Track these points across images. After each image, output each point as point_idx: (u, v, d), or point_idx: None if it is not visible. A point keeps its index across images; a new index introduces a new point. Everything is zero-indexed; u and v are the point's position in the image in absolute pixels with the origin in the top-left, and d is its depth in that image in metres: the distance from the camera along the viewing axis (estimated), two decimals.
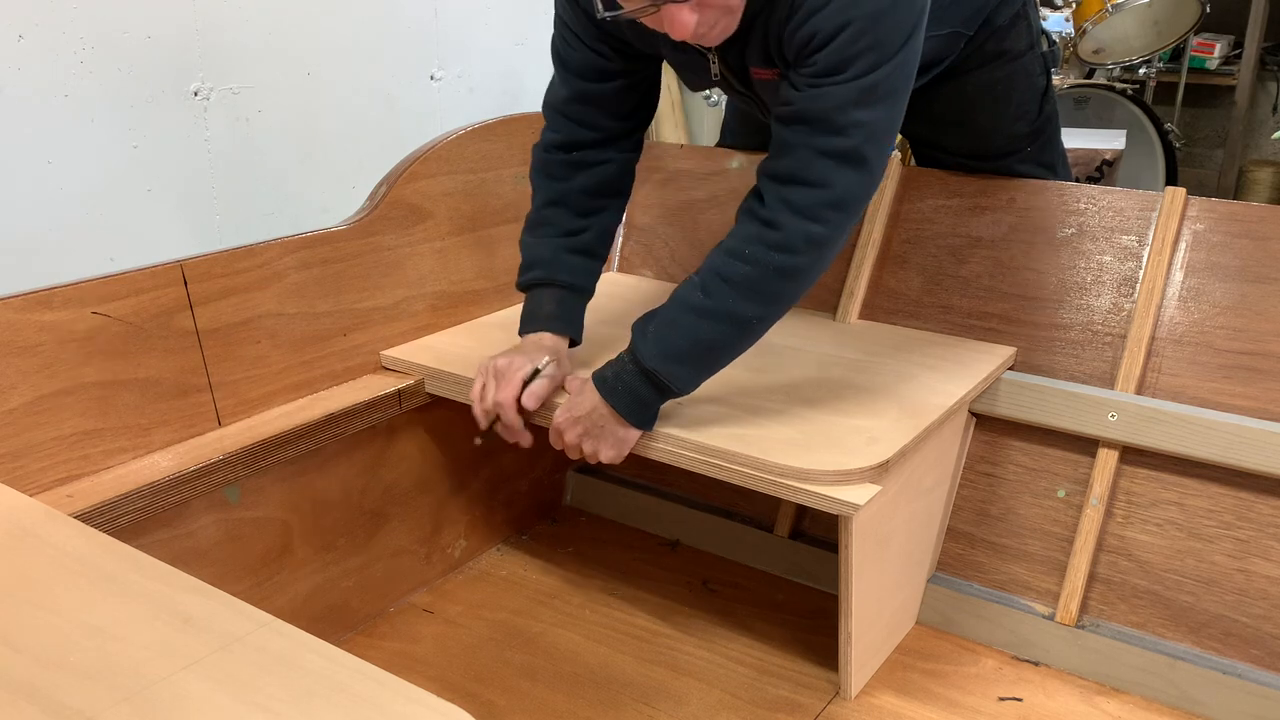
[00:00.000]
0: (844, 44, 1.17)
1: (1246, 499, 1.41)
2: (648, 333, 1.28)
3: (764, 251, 1.22)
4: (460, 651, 1.54)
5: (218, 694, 0.77)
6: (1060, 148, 1.71)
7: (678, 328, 1.26)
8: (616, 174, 1.49)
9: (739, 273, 1.23)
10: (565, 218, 1.46)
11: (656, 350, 1.27)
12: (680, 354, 1.26)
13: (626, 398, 1.29)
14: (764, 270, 1.22)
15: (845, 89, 1.18)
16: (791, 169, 1.21)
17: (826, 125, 1.19)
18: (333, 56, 2.00)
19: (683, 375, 1.28)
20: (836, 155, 1.19)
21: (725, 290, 1.24)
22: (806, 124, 1.20)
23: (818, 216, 1.20)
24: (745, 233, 1.24)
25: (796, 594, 1.68)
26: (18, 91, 1.58)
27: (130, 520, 1.23)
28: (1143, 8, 3.29)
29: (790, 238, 1.21)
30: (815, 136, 1.20)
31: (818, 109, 1.19)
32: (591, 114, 1.44)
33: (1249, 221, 1.47)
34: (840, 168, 1.19)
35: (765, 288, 1.23)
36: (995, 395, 1.54)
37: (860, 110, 1.18)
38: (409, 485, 1.64)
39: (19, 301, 1.22)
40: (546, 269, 1.45)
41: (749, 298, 1.24)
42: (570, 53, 1.42)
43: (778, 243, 1.21)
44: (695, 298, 1.26)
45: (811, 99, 1.19)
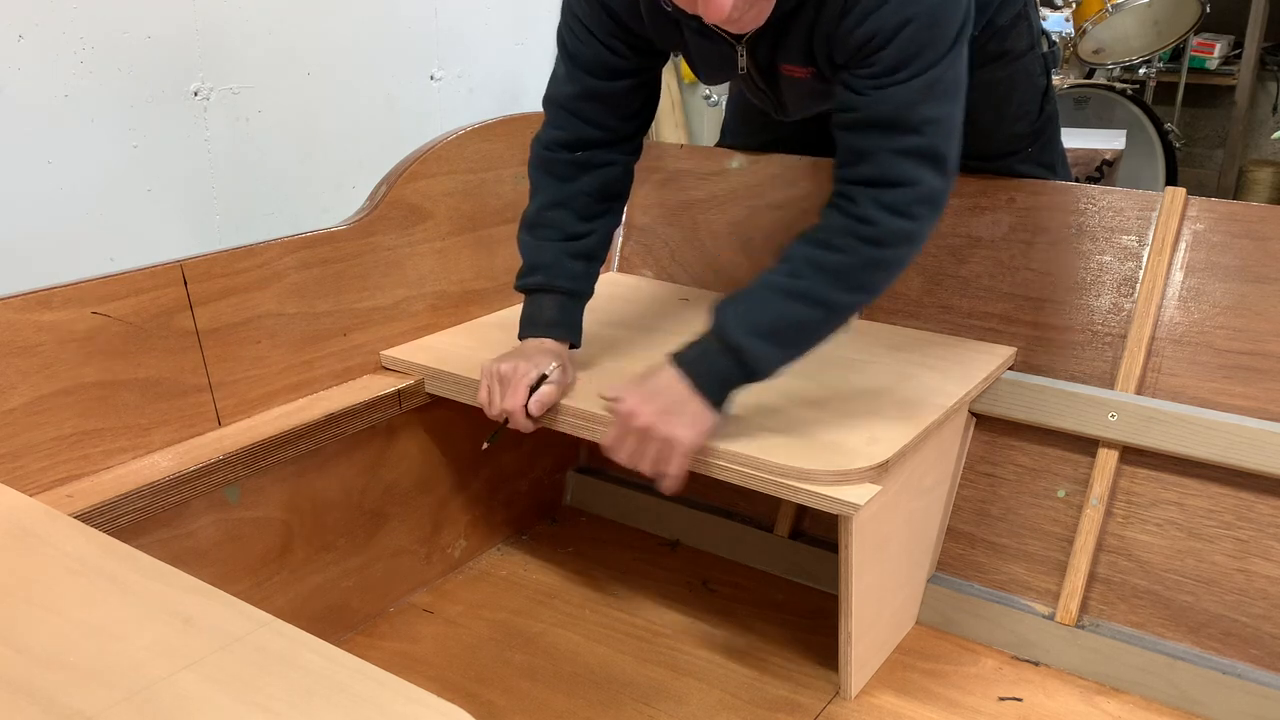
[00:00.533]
0: (906, 41, 1.17)
1: (1246, 499, 1.41)
2: (733, 310, 1.26)
3: (857, 244, 1.23)
4: (460, 651, 1.54)
5: (218, 694, 0.77)
6: (1060, 148, 1.71)
7: (766, 306, 1.24)
8: (619, 176, 1.49)
9: (832, 261, 1.23)
10: (569, 221, 1.45)
11: (743, 325, 1.24)
12: (766, 330, 1.24)
13: (707, 373, 1.25)
14: (857, 261, 1.23)
15: (911, 87, 1.19)
16: (876, 173, 1.22)
17: (900, 125, 1.20)
18: (333, 56, 2.00)
19: (768, 354, 1.25)
20: (916, 154, 1.21)
21: (817, 276, 1.23)
22: (878, 127, 1.21)
23: (910, 213, 1.22)
24: (837, 225, 1.24)
25: (796, 594, 1.68)
26: (18, 91, 1.58)
27: (130, 520, 1.23)
28: (1143, 8, 3.29)
29: (885, 233, 1.22)
30: (891, 138, 1.20)
31: (887, 111, 1.20)
32: (599, 112, 1.43)
33: (1249, 221, 1.47)
34: (921, 165, 1.21)
35: (856, 278, 1.24)
36: (995, 395, 1.54)
37: (928, 107, 1.19)
38: (409, 485, 1.64)
39: (19, 301, 1.22)
40: (548, 274, 1.45)
41: (840, 286, 1.24)
42: (581, 48, 1.40)
43: (872, 237, 1.22)
44: (785, 281, 1.24)
45: (879, 101, 1.20)
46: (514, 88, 2.44)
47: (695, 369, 1.26)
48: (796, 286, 1.24)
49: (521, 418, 1.39)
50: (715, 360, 1.25)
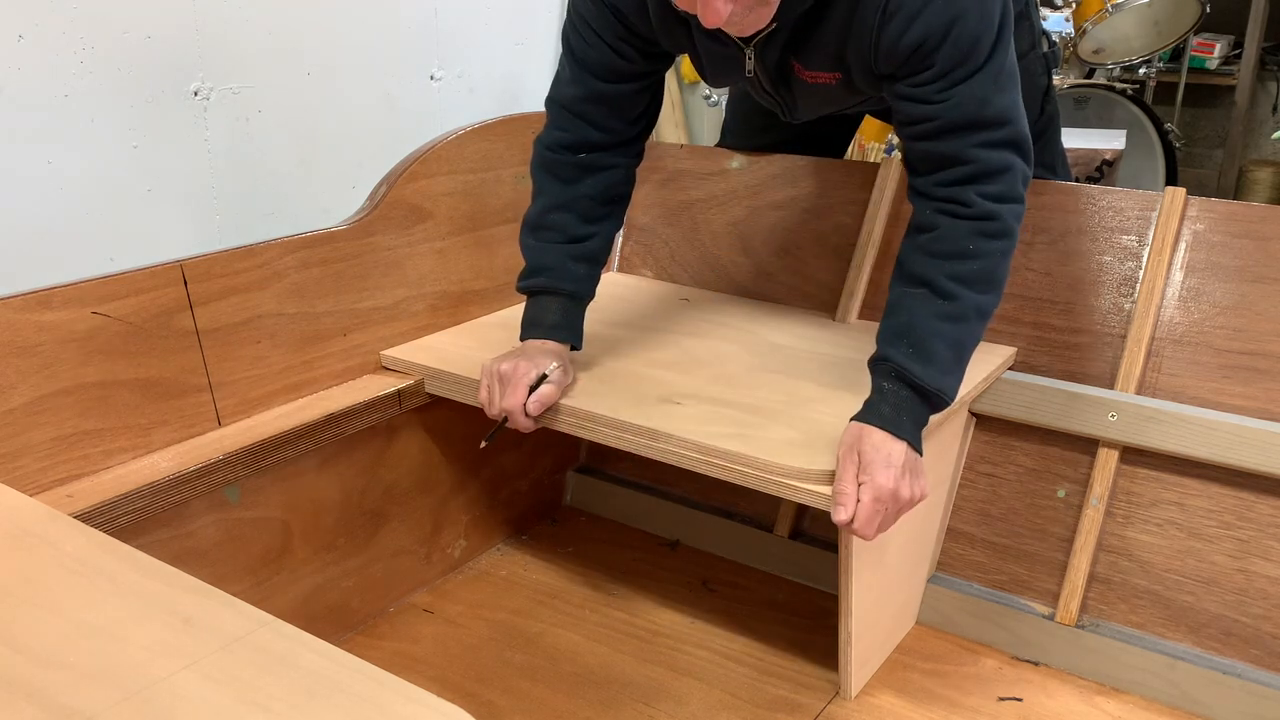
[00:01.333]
0: (960, 36, 1.18)
1: (1246, 499, 1.41)
2: (909, 355, 1.24)
3: (986, 242, 1.24)
4: (460, 651, 1.54)
5: (218, 694, 0.77)
6: (1060, 149, 1.71)
7: (941, 340, 1.24)
8: (622, 179, 1.49)
9: (973, 269, 1.25)
10: (572, 224, 1.45)
11: (931, 369, 1.24)
12: (951, 365, 1.26)
13: (912, 424, 1.24)
14: (991, 258, 1.25)
15: (978, 81, 1.21)
16: (975, 170, 1.24)
17: (982, 122, 1.22)
18: (333, 56, 2.00)
19: (954, 385, 1.27)
20: (1004, 144, 1.23)
21: (966, 290, 1.24)
22: (961, 130, 1.22)
23: (1016, 196, 1.26)
24: (960, 233, 1.25)
25: (796, 594, 1.68)
26: (18, 91, 1.58)
27: (130, 520, 1.23)
28: (1143, 8, 3.29)
29: (1006, 222, 1.25)
30: (977, 134, 1.23)
31: (963, 113, 1.22)
32: (603, 115, 1.43)
33: (1249, 221, 1.47)
34: (1010, 151, 1.24)
35: (995, 273, 1.27)
36: (995, 395, 1.54)
37: (1000, 95, 1.22)
38: (409, 485, 1.64)
39: (19, 301, 1.22)
40: (551, 276, 1.45)
41: (987, 289, 1.26)
42: (587, 50, 1.39)
43: (997, 230, 1.25)
44: (940, 307, 1.25)
45: (952, 105, 1.21)
46: (514, 88, 2.44)
47: (899, 425, 1.23)
48: (954, 310, 1.25)
49: (521, 417, 1.39)
50: (914, 410, 1.25)
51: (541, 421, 1.42)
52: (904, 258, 1.30)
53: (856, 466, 1.20)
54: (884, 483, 1.19)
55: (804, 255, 1.80)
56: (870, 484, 1.19)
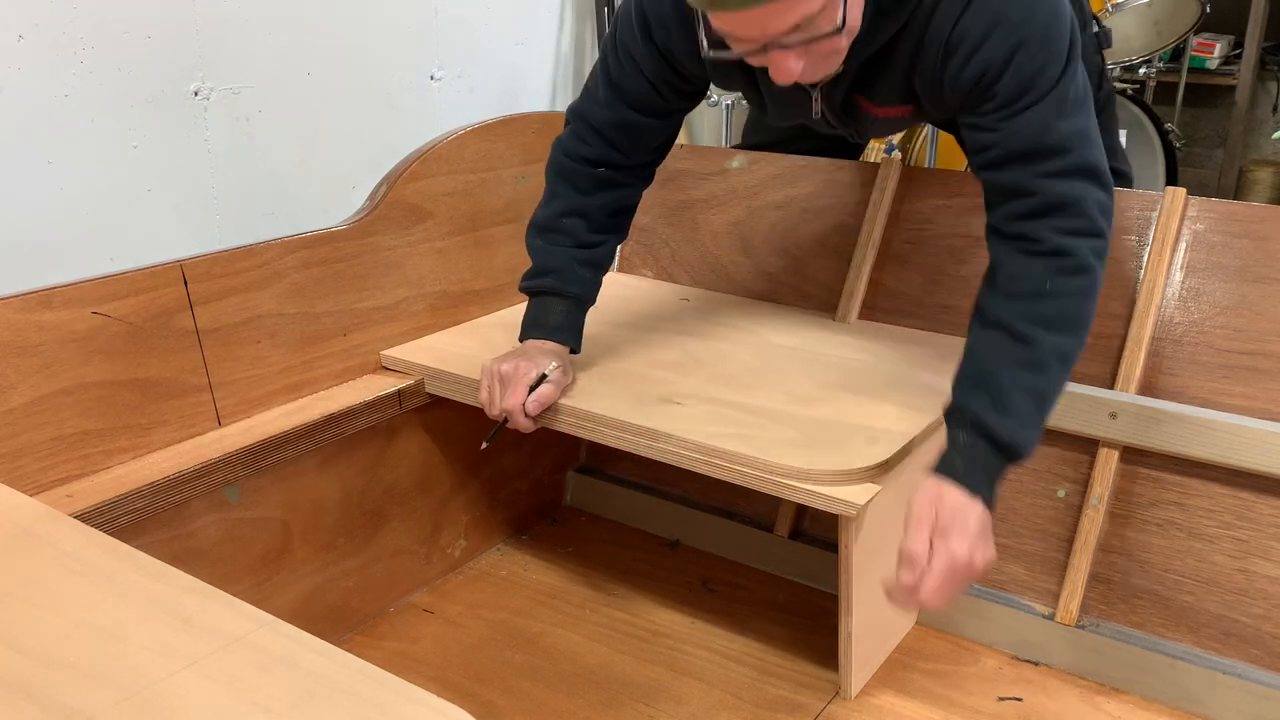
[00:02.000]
0: (1020, 68, 1.16)
1: (1246, 499, 1.41)
2: (987, 406, 1.18)
3: (1064, 280, 1.18)
4: (460, 651, 1.54)
5: (218, 694, 0.77)
6: (1117, 128, 1.68)
7: (1019, 390, 1.18)
8: (634, 197, 1.51)
9: (1050, 310, 1.18)
10: (583, 231, 1.46)
11: (1010, 421, 1.17)
12: (1030, 415, 1.19)
13: (986, 479, 1.18)
14: (1071, 299, 1.19)
15: (1041, 109, 1.16)
16: (1042, 203, 1.18)
17: (1043, 151, 1.17)
18: (333, 56, 2.00)
19: (1033, 438, 1.19)
20: (1070, 172, 1.18)
21: (1045, 334, 1.18)
22: (1022, 159, 1.18)
23: (1094, 230, 1.19)
24: (1035, 272, 1.19)
25: (796, 594, 1.68)
26: (18, 91, 1.58)
27: (130, 520, 1.23)
28: (1143, 8, 3.29)
29: (1084, 258, 1.18)
30: (1040, 165, 1.18)
31: (1024, 140, 1.18)
32: (628, 141, 1.44)
33: (1249, 221, 1.47)
34: (1079, 180, 1.18)
35: (1076, 315, 1.20)
36: None
37: (1063, 122, 1.17)
38: (409, 485, 1.64)
39: (19, 301, 1.22)
40: (559, 278, 1.45)
41: (1067, 331, 1.19)
42: (626, 81, 1.39)
43: (1075, 267, 1.18)
44: (1018, 353, 1.18)
45: (1012, 134, 1.18)
46: (514, 88, 2.44)
47: (975, 481, 1.17)
48: (1035, 356, 1.18)
49: (520, 417, 1.39)
50: (989, 464, 1.18)
51: (541, 421, 1.42)
52: (980, 299, 1.24)
53: (931, 526, 1.15)
54: (960, 552, 1.13)
55: (804, 255, 1.80)
56: (946, 552, 1.13)
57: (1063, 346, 1.19)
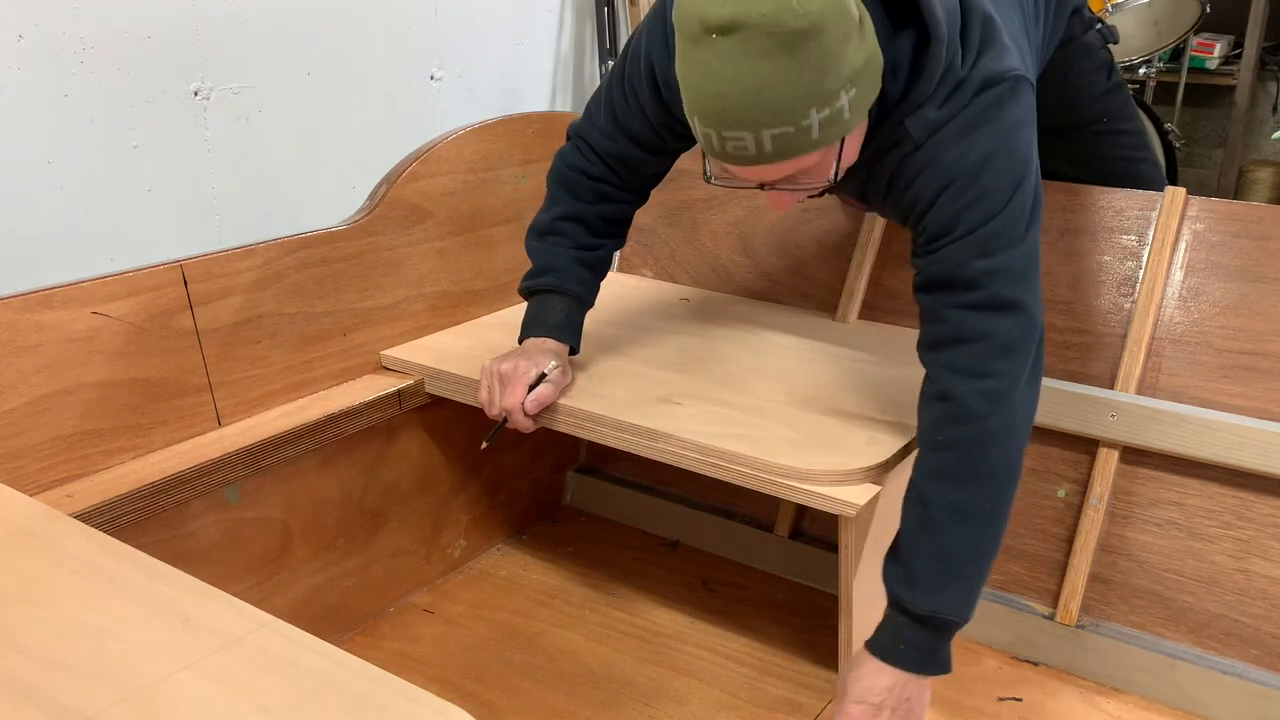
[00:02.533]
0: (947, 203, 1.16)
1: (1246, 499, 1.41)
2: (901, 579, 1.17)
3: (951, 429, 1.15)
4: (460, 651, 1.54)
5: (218, 694, 0.77)
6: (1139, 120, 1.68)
7: (921, 556, 1.16)
8: (629, 212, 1.52)
9: (945, 462, 1.16)
10: (582, 234, 1.47)
11: (919, 593, 1.15)
12: (938, 582, 1.14)
13: (916, 655, 1.16)
14: (962, 449, 1.15)
15: (961, 246, 1.15)
16: (945, 333, 1.18)
17: (957, 284, 1.16)
18: (333, 56, 2.00)
19: (956, 602, 1.15)
20: (978, 307, 1.16)
21: (940, 488, 1.15)
22: (941, 288, 1.18)
23: (985, 370, 1.15)
24: (929, 421, 1.19)
25: (796, 594, 1.68)
26: (18, 91, 1.58)
27: (130, 520, 1.23)
28: (1143, 8, 3.29)
29: (965, 403, 1.14)
30: (951, 296, 1.17)
31: (942, 272, 1.17)
32: (625, 169, 1.46)
33: (1249, 221, 1.47)
34: (989, 316, 1.16)
35: (975, 464, 1.15)
36: None
37: (983, 260, 1.15)
38: (409, 485, 1.64)
39: (19, 301, 1.22)
40: (559, 277, 1.46)
41: (965, 483, 1.15)
42: (630, 120, 1.41)
43: (959, 415, 1.15)
44: (916, 516, 1.17)
45: (933, 264, 1.18)
46: (514, 88, 2.44)
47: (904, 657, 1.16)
48: (930, 516, 1.15)
49: (520, 416, 1.39)
50: (915, 638, 1.16)
51: (541, 421, 1.42)
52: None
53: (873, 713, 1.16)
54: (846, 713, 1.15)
55: (804, 255, 1.80)
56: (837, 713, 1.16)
57: (961, 502, 1.15)
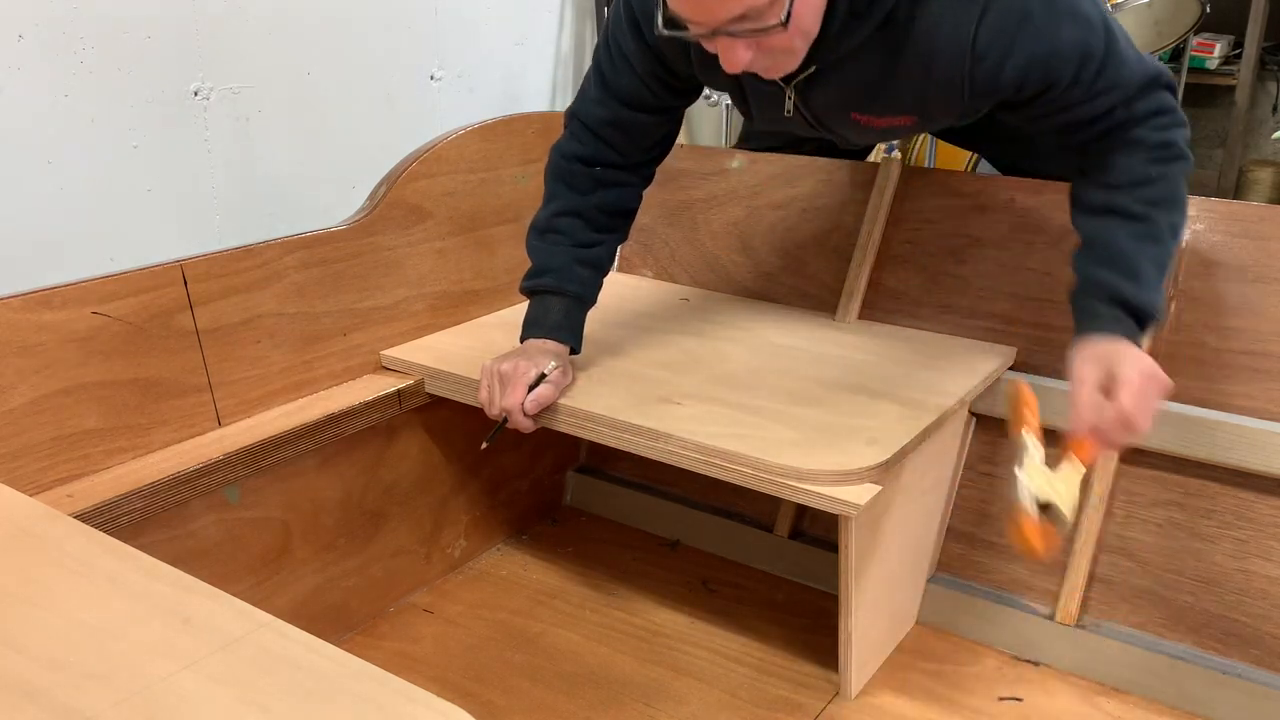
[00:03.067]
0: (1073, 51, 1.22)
1: (1246, 499, 1.41)
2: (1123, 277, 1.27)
3: (1166, 167, 1.29)
4: (460, 651, 1.54)
5: (218, 694, 0.77)
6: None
7: (1145, 259, 1.28)
8: (633, 196, 1.51)
9: (1159, 192, 1.29)
10: (581, 230, 1.47)
11: (1144, 288, 1.27)
12: (1156, 282, 1.28)
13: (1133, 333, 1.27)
14: (1174, 181, 1.30)
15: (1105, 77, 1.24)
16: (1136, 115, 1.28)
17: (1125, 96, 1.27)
18: (333, 56, 2.00)
19: (1162, 301, 1.30)
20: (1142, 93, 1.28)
21: (1157, 212, 1.28)
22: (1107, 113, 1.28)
23: (1181, 121, 1.31)
24: (1135, 163, 1.29)
25: (796, 594, 1.68)
26: (18, 91, 1.58)
27: (130, 520, 1.23)
28: (1143, 8, 3.29)
29: (1181, 147, 1.30)
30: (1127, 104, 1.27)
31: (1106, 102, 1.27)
32: (622, 139, 1.45)
33: (1249, 221, 1.47)
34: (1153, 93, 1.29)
35: (1178, 194, 1.31)
36: (995, 395, 1.54)
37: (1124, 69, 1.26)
38: (409, 485, 1.64)
39: (19, 301, 1.22)
40: (557, 277, 1.46)
41: (1175, 208, 1.30)
42: (618, 79, 1.41)
43: (1176, 155, 1.30)
44: (1138, 229, 1.29)
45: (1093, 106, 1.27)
46: (514, 88, 2.44)
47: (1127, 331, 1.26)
48: (1153, 230, 1.28)
49: (519, 416, 1.39)
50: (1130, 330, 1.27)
51: (541, 421, 1.42)
52: (1082, 195, 1.34)
53: (1098, 377, 1.23)
54: (1146, 365, 1.21)
55: (804, 255, 1.80)
56: (1134, 369, 1.20)
57: (1174, 220, 1.30)
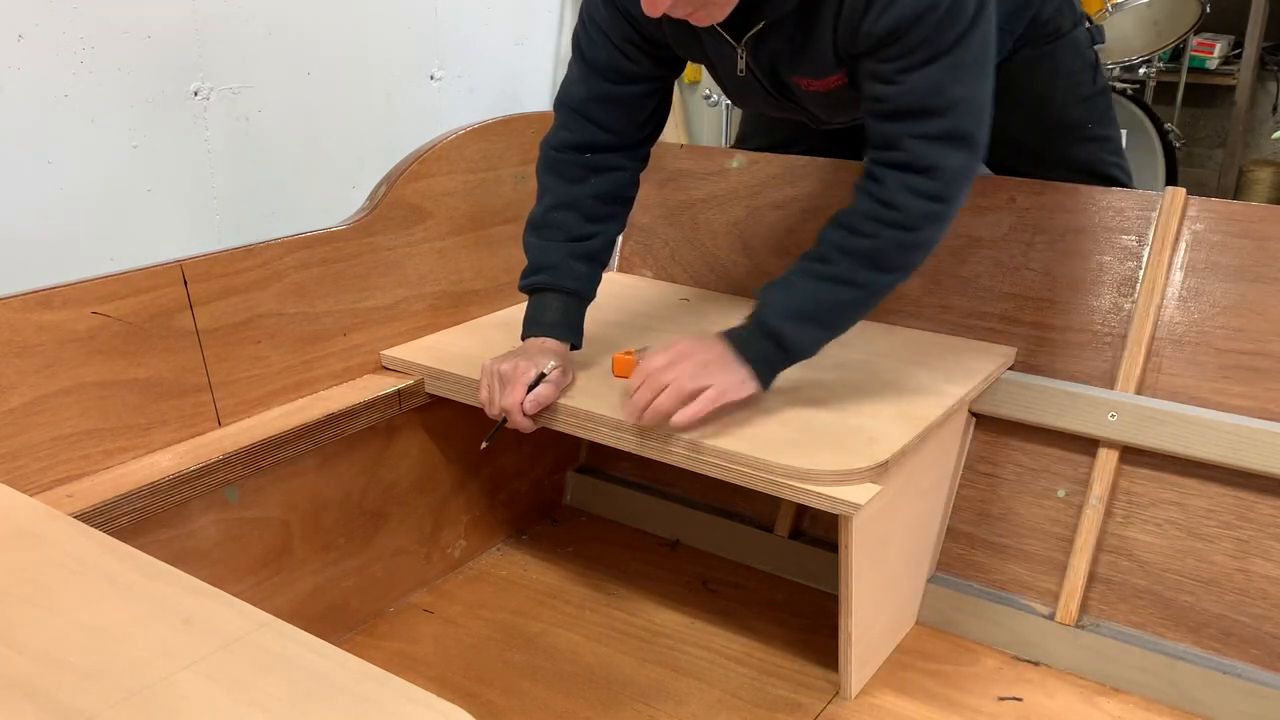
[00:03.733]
0: (928, 27, 1.19)
1: (1246, 499, 1.41)
2: (772, 295, 1.30)
3: (883, 228, 1.26)
4: (460, 651, 1.54)
5: (218, 694, 0.77)
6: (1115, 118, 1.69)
7: (802, 291, 1.29)
8: (627, 182, 1.49)
9: (861, 246, 1.27)
10: (575, 222, 1.46)
11: (782, 311, 1.29)
12: (805, 314, 1.29)
13: (755, 353, 1.30)
14: (884, 243, 1.27)
15: (936, 69, 1.21)
16: (905, 159, 1.24)
17: (928, 111, 1.22)
18: (333, 56, 2.00)
19: (806, 335, 1.30)
20: (944, 137, 1.23)
21: (847, 261, 1.27)
22: (908, 115, 1.23)
23: (936, 196, 1.25)
24: (864, 210, 1.27)
25: (796, 594, 1.68)
26: (18, 91, 1.58)
27: (130, 520, 1.23)
28: (1143, 8, 3.29)
29: (910, 217, 1.25)
30: (919, 124, 1.23)
31: (916, 98, 1.22)
32: (609, 116, 1.44)
33: (1249, 221, 1.47)
34: (949, 148, 1.23)
35: (884, 259, 1.28)
36: (995, 395, 1.54)
37: (954, 88, 1.22)
38: (409, 485, 1.64)
39: (19, 301, 1.22)
40: (553, 274, 1.45)
41: (868, 266, 1.28)
42: (596, 52, 1.41)
43: (898, 221, 1.25)
44: (817, 268, 1.29)
45: (907, 90, 1.22)
46: (514, 88, 2.44)
47: (745, 345, 1.30)
48: (830, 272, 1.28)
49: (519, 416, 1.39)
50: (760, 344, 1.30)
51: (541, 421, 1.42)
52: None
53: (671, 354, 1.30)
54: (655, 364, 1.29)
55: None
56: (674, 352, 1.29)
57: (860, 277, 1.28)
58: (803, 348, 1.32)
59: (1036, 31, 1.54)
